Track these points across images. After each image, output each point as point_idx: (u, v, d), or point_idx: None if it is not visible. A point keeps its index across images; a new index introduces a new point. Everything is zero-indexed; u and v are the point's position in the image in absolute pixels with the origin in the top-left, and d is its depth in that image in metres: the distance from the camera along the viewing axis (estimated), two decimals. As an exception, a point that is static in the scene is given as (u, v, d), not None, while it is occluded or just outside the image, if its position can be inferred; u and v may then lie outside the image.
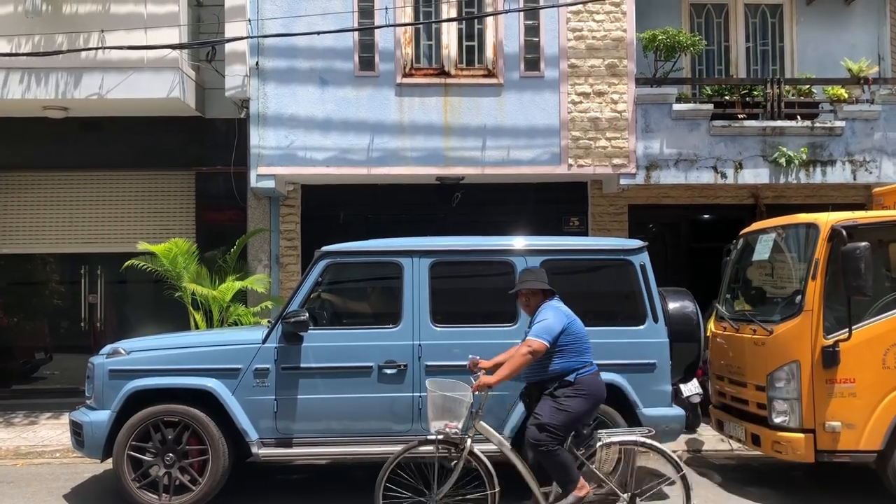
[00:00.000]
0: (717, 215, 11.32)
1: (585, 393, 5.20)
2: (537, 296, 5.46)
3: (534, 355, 5.16)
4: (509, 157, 9.89)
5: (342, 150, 9.81)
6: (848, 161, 10.14)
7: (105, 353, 6.42)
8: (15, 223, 10.97)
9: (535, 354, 5.16)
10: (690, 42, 10.15)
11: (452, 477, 5.26)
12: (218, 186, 10.66)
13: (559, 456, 5.11)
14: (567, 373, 5.22)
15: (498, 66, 9.94)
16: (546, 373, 5.25)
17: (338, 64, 9.84)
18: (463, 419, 5.21)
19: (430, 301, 6.33)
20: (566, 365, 5.24)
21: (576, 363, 5.26)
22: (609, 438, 5.30)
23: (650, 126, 10.02)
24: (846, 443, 6.06)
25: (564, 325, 5.27)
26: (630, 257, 6.54)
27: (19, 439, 8.66)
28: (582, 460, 5.25)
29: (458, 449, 5.25)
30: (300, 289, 6.37)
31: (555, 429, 5.09)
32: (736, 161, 10.06)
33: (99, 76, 9.48)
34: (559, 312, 5.33)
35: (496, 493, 5.25)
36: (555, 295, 5.48)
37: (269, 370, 6.18)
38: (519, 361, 5.18)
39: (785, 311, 6.52)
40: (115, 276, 10.66)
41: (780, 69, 11.27)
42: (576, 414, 5.16)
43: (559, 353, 5.24)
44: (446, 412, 5.20)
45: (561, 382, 5.21)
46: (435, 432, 5.24)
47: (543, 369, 5.26)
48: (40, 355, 11.32)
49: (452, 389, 5.24)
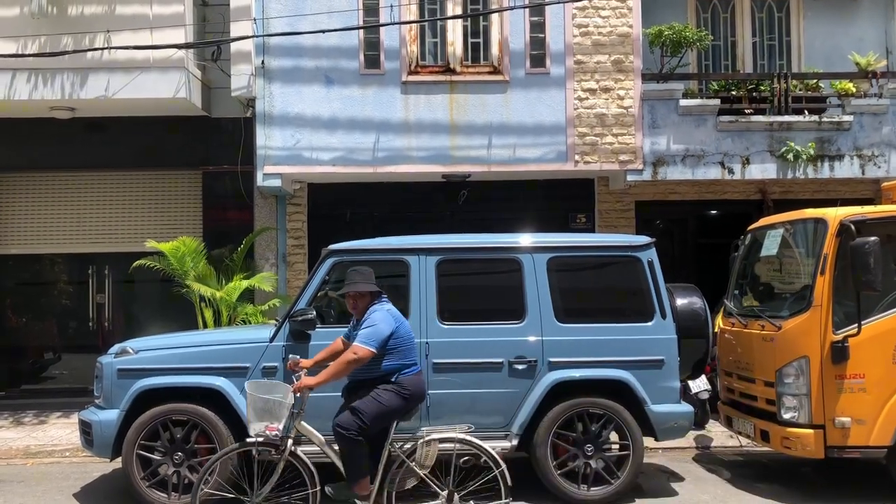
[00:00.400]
0: (725, 211, 11.28)
1: (404, 392, 5.30)
2: (365, 298, 5.45)
3: (359, 362, 5.22)
4: (515, 155, 9.87)
5: (348, 148, 9.81)
6: (856, 155, 10.09)
7: (113, 352, 6.44)
8: (23, 224, 11.02)
9: (360, 362, 5.22)
10: (697, 37, 10.11)
11: (273, 478, 5.27)
12: (225, 186, 10.68)
13: (357, 447, 5.21)
14: (391, 374, 5.34)
15: (503, 64, 9.92)
16: (372, 373, 5.33)
17: (343, 62, 9.84)
18: (283, 420, 5.21)
19: (436, 299, 6.32)
20: (391, 367, 5.34)
21: (400, 365, 5.36)
22: (429, 435, 5.36)
23: (657, 122, 9.99)
24: (856, 438, 6.04)
25: (393, 329, 5.32)
26: (638, 254, 6.52)
27: (29, 438, 8.70)
28: (402, 457, 5.30)
29: (278, 451, 5.25)
30: (307, 287, 6.37)
31: (363, 416, 5.19)
32: (743, 156, 10.02)
33: (105, 76, 9.51)
34: (388, 317, 5.36)
35: (317, 493, 5.29)
36: (382, 296, 5.47)
37: (277, 369, 6.18)
38: (342, 368, 5.23)
39: (793, 306, 6.49)
40: (122, 276, 10.71)
41: (787, 64, 11.21)
42: (388, 408, 5.25)
43: (386, 355, 5.32)
44: (266, 414, 5.19)
45: (382, 381, 5.32)
46: (255, 434, 5.23)
47: (370, 370, 5.32)
48: (49, 355, 11.37)
49: (272, 391, 5.25)
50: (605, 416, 6.27)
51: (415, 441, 5.40)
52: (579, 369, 6.27)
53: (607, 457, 6.30)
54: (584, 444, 6.24)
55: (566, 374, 6.25)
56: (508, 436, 6.22)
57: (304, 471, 5.32)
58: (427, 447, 5.34)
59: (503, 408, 6.25)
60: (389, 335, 5.29)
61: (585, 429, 6.27)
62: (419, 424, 6.16)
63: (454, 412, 6.23)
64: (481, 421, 6.24)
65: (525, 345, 6.28)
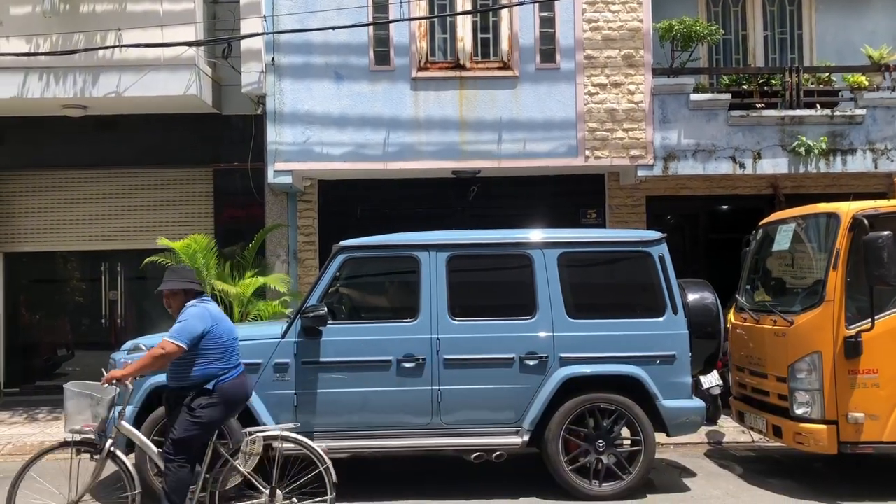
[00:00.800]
0: (736, 206, 11.23)
1: (224, 401, 5.11)
2: (178, 296, 5.23)
3: (166, 357, 5.01)
4: (525, 150, 9.86)
5: (358, 145, 9.82)
6: (869, 149, 10.02)
7: (126, 348, 6.49)
8: (36, 221, 11.08)
9: (168, 357, 5.01)
10: (707, 31, 10.06)
11: (94, 478, 5.20)
12: (235, 183, 10.71)
13: (182, 474, 5.04)
14: (207, 380, 5.10)
15: (513, 59, 9.90)
16: (187, 379, 5.11)
17: (353, 59, 9.85)
18: (100, 419, 5.11)
19: (447, 295, 6.33)
20: (207, 371, 5.10)
21: (216, 370, 5.12)
22: (253, 434, 5.27)
23: (667, 117, 9.95)
24: (869, 434, 6.01)
25: (207, 327, 5.08)
26: (649, 249, 6.51)
27: (43, 434, 8.77)
28: (226, 456, 5.21)
29: (97, 450, 5.15)
30: (318, 283, 6.40)
31: (187, 444, 5.03)
32: (754, 151, 9.97)
33: (116, 74, 9.54)
34: (202, 314, 5.13)
35: (137, 495, 5.18)
36: (200, 295, 5.30)
37: (288, 365, 6.21)
38: (150, 362, 5.03)
39: (806, 301, 6.47)
40: (135, 273, 10.77)
41: (798, 57, 11.13)
42: (210, 423, 5.10)
43: (201, 358, 5.08)
44: (84, 412, 5.08)
45: (199, 391, 5.09)
46: (70, 432, 5.11)
47: (185, 375, 5.11)
48: (62, 351, 11.45)
49: (92, 390, 5.13)
50: (617, 411, 6.27)
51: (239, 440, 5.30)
52: (590, 365, 6.27)
53: (619, 452, 6.30)
54: (595, 440, 6.24)
55: (577, 369, 6.25)
56: (520, 431, 6.23)
57: (125, 474, 5.19)
58: (251, 445, 5.22)
59: (514, 403, 6.26)
60: (202, 333, 5.05)
61: (597, 424, 6.28)
62: (434, 420, 6.20)
63: (465, 408, 6.26)
64: (492, 416, 6.27)
65: (536, 340, 6.29)
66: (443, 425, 6.25)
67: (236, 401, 5.28)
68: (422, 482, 6.91)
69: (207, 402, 5.07)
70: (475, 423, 6.28)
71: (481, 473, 6.86)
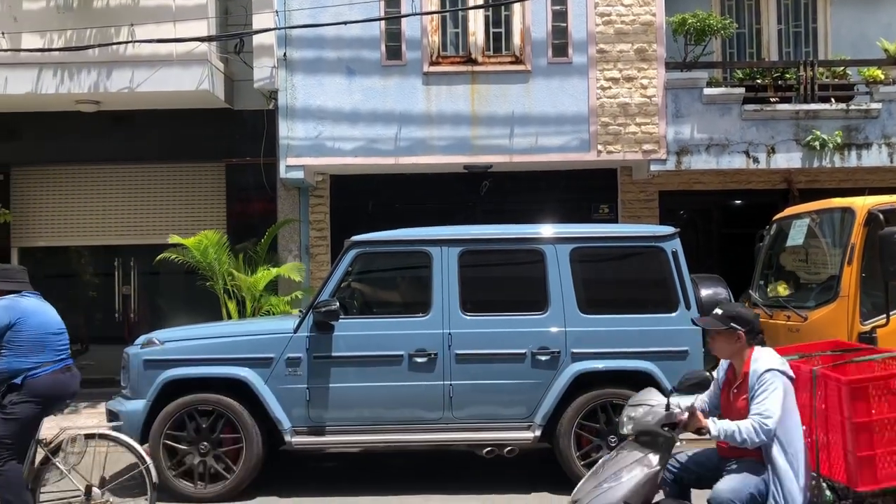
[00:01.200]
0: (750, 201, 11.16)
1: (35, 399, 4.92)
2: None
3: None
4: (537, 145, 9.83)
5: (370, 139, 9.83)
6: (884, 144, 9.94)
7: (139, 343, 6.51)
8: (49, 217, 11.15)
9: None
10: (721, 25, 10.00)
11: None
12: (247, 178, 10.75)
13: (10, 472, 4.86)
14: (15, 374, 4.91)
15: (525, 53, 9.87)
16: None
17: (365, 53, 9.85)
18: None
19: (459, 290, 6.32)
20: (14, 365, 4.90)
21: (25, 364, 4.91)
22: (73, 432, 5.15)
23: (681, 111, 9.90)
24: (884, 431, 5.96)
25: (12, 320, 4.89)
26: (661, 244, 6.48)
27: (57, 429, 8.79)
28: (47, 454, 5.10)
29: None
30: (330, 278, 6.40)
31: (8, 441, 4.85)
32: (768, 145, 9.90)
33: (129, 70, 9.59)
34: (10, 305, 4.94)
35: None
36: (22, 293, 5.08)
37: (300, 359, 6.22)
38: None
39: (820, 297, 6.43)
40: (148, 268, 10.82)
41: (813, 51, 11.05)
42: (26, 419, 4.93)
43: (6, 351, 4.90)
44: None
45: (9, 387, 4.91)
46: None
47: None
48: (76, 346, 11.39)
49: None
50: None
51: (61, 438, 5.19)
52: (603, 360, 6.25)
53: (631, 448, 6.28)
54: (607, 435, 6.21)
55: (589, 365, 6.23)
56: (531, 426, 6.22)
57: None
58: (72, 444, 5.12)
59: (526, 399, 6.25)
60: (8, 325, 4.86)
61: (609, 419, 6.25)
62: (446, 415, 6.19)
63: (476, 403, 6.26)
64: (504, 412, 6.26)
65: (548, 336, 6.27)
66: (454, 420, 6.25)
67: (51, 397, 5.05)
68: (433, 477, 6.91)
69: (18, 399, 4.91)
70: (487, 417, 6.27)
71: (493, 468, 6.86)
